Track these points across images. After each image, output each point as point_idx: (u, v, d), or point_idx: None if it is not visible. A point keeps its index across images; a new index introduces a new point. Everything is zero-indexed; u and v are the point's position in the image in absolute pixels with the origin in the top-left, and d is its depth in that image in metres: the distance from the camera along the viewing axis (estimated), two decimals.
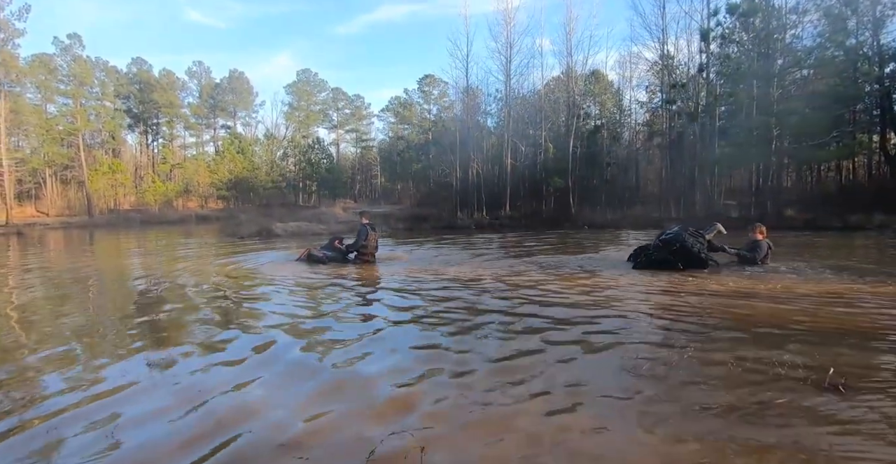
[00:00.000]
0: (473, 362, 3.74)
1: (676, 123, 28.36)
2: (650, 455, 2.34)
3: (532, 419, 2.75)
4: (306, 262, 10.32)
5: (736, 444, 2.40)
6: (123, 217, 43.66)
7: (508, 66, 30.92)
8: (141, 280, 8.74)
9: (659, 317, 5.14)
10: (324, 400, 3.10)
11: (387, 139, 67.28)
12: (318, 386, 3.37)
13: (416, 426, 2.67)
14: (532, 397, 3.06)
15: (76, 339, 4.76)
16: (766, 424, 2.62)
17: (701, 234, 8.54)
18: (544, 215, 26.91)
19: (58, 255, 15.30)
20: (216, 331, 4.95)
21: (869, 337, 4.23)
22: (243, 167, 53.53)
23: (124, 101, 56.61)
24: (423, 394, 3.13)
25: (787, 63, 21.07)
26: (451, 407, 2.93)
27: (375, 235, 10.76)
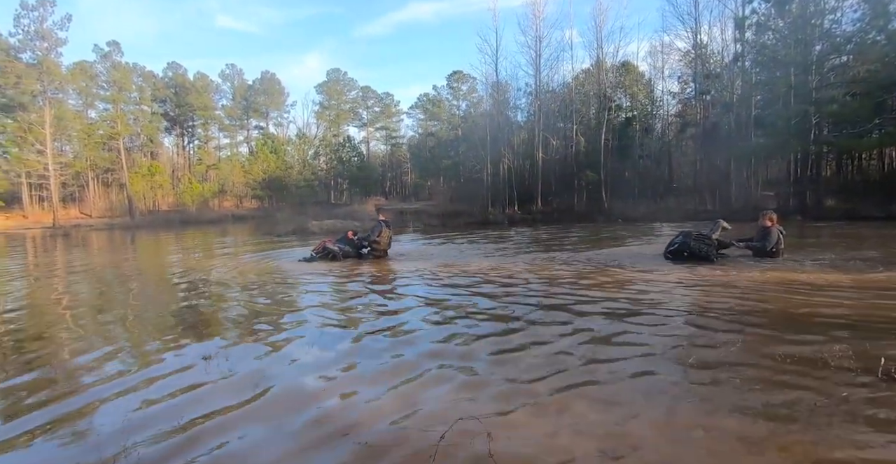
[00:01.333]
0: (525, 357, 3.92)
1: (711, 113, 27.86)
2: (726, 450, 2.37)
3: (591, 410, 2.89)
4: (321, 258, 10.46)
5: (823, 440, 2.42)
6: (163, 218, 44.88)
7: (538, 59, 30.83)
8: (186, 277, 9.12)
9: (700, 311, 5.21)
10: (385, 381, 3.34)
11: (416, 136, 67.58)
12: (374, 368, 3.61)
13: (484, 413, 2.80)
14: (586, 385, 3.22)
15: (138, 337, 5.10)
16: (832, 414, 2.67)
17: (706, 235, 8.59)
18: (577, 209, 26.76)
19: (110, 254, 15.93)
20: (270, 324, 5.25)
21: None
22: (276, 167, 54.42)
23: (161, 105, 58.08)
24: (485, 384, 3.30)
25: (825, 49, 20.49)
26: (511, 393, 3.09)
27: (389, 232, 10.91)
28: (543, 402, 2.96)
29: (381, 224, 10.70)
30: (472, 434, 2.53)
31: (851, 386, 3.00)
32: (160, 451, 2.56)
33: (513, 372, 3.46)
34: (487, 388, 3.18)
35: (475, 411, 2.81)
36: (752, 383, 3.10)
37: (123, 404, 3.16)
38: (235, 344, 4.49)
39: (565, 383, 3.23)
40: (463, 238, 16.11)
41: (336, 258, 10.39)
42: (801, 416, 2.66)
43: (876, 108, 19.81)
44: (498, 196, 30.99)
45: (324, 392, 3.26)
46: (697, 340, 4.04)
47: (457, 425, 2.59)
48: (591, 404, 2.90)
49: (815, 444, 2.38)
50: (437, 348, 4.12)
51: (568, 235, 16.52)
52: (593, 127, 32.01)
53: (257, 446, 2.58)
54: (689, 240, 8.55)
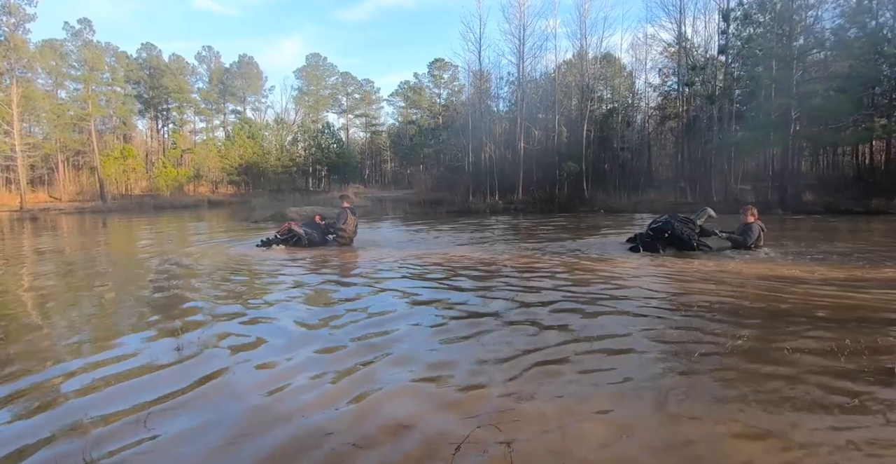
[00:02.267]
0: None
1: (692, 106, 28.01)
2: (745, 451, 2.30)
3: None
4: (285, 241, 10.21)
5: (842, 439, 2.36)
6: (136, 202, 43.86)
7: (522, 48, 30.59)
8: (155, 263, 8.83)
9: (682, 305, 5.16)
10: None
11: (396, 124, 67.05)
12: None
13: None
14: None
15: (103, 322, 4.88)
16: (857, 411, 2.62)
17: (691, 220, 8.56)
18: (558, 199, 26.73)
19: (83, 239, 15.46)
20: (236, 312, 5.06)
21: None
22: (254, 152, 53.50)
23: (134, 87, 56.59)
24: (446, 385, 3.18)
25: (807, 44, 20.68)
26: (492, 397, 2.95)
27: (355, 219, 10.73)
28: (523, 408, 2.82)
29: (345, 211, 10.48)
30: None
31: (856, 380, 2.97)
32: (110, 431, 2.54)
33: (483, 367, 3.35)
34: (451, 389, 3.02)
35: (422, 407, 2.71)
36: (732, 374, 3.08)
37: (71, 386, 3.16)
38: (191, 330, 4.35)
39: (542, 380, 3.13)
40: (442, 226, 16.03)
41: (300, 243, 10.15)
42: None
43: (854, 105, 20.10)
44: (479, 185, 30.85)
45: (273, 384, 3.13)
46: (695, 337, 3.98)
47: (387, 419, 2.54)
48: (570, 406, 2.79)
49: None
50: (406, 345, 3.93)
51: (549, 224, 16.51)
52: (575, 118, 31.99)
53: (197, 434, 2.51)
54: (674, 221, 8.49)
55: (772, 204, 18.82)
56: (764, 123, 20.76)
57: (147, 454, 2.34)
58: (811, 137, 20.38)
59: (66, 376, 3.34)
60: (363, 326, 4.40)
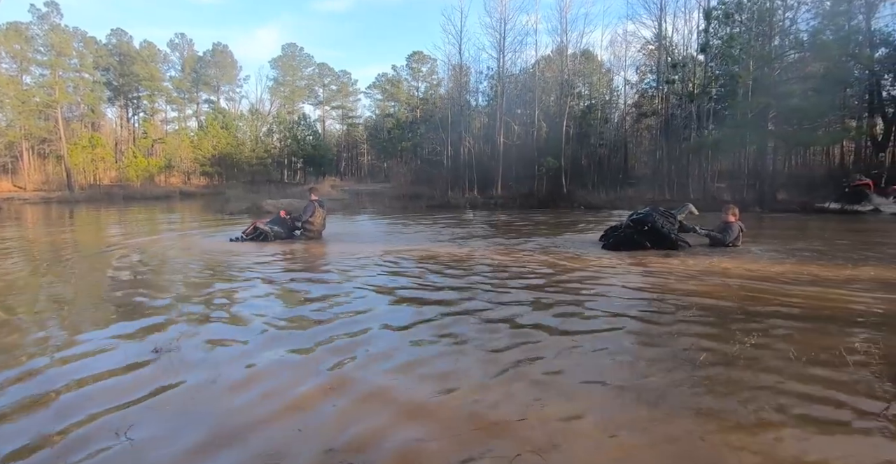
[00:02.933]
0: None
1: (670, 103, 28.22)
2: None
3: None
4: (252, 239, 10.00)
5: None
6: (105, 192, 42.60)
7: (502, 42, 30.45)
8: (120, 257, 8.49)
9: (697, 306, 5.10)
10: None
11: (373, 116, 66.47)
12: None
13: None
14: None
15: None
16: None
17: (672, 214, 8.48)
18: (537, 195, 26.74)
19: (48, 229, 14.89)
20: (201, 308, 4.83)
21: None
22: (227, 143, 52.46)
23: (104, 74, 54.93)
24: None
25: (784, 45, 20.95)
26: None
27: (323, 212, 10.56)
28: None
29: (313, 204, 10.32)
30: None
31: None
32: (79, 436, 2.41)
33: (459, 368, 3.24)
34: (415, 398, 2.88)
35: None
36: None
37: (31, 388, 3.00)
38: (155, 331, 4.15)
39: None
40: (421, 221, 15.88)
41: (267, 239, 9.96)
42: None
43: (829, 106, 20.46)
44: (458, 180, 30.72)
45: (239, 388, 2.98)
46: (702, 340, 3.90)
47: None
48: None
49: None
50: (379, 345, 3.78)
51: (528, 220, 16.50)
52: (554, 114, 32.01)
53: (162, 441, 2.37)
54: (655, 213, 8.41)
55: (749, 202, 19.04)
56: (741, 122, 20.99)
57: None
58: (787, 137, 20.65)
59: (30, 374, 3.18)
60: (334, 326, 4.22)
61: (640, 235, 8.27)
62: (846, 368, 3.10)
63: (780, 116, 20.51)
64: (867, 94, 26.46)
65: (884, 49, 26.23)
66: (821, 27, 22.08)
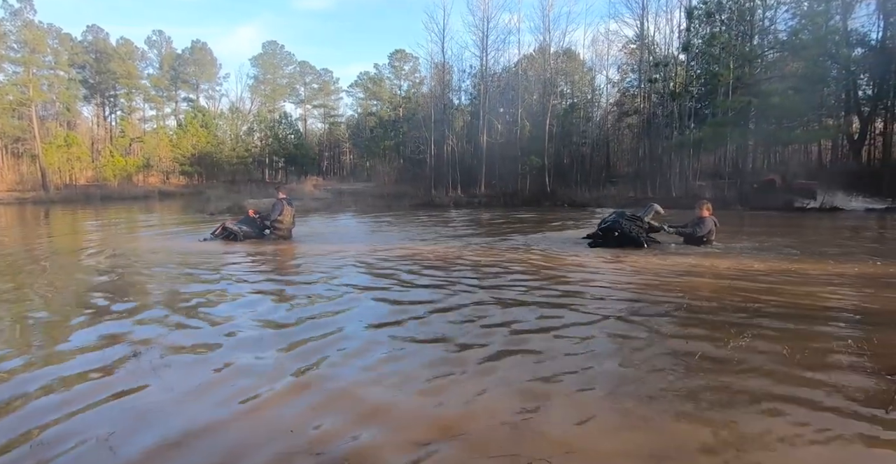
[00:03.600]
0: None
1: (653, 102, 28.43)
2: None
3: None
4: (222, 239, 9.88)
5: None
6: (82, 193, 41.79)
7: (485, 40, 30.47)
8: (96, 259, 8.28)
9: (690, 307, 5.09)
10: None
11: (355, 115, 66.07)
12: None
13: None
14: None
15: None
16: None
17: (639, 217, 8.64)
18: (521, 193, 26.81)
19: (24, 231, 14.53)
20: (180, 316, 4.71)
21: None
22: (207, 142, 51.77)
23: (79, 71, 53.82)
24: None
25: (763, 44, 21.23)
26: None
27: (292, 210, 10.38)
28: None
29: (281, 202, 10.09)
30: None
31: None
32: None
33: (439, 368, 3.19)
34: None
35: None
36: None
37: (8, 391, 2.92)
38: (122, 334, 4.01)
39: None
40: (401, 220, 15.83)
41: (236, 239, 9.80)
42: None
43: (809, 104, 20.78)
44: (442, 178, 30.67)
45: (210, 391, 2.90)
46: (694, 338, 3.88)
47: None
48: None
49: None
50: (352, 344, 3.70)
51: (513, 219, 16.50)
52: (537, 112, 32.09)
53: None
54: (622, 219, 8.55)
55: (730, 200, 19.24)
56: (723, 121, 21.24)
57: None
58: (768, 135, 20.93)
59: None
60: (305, 328, 4.11)
61: (612, 242, 8.44)
62: (839, 366, 3.09)
63: (760, 114, 20.80)
64: (844, 94, 26.95)
65: (860, 49, 26.73)
66: (799, 27, 22.42)
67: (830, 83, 25.48)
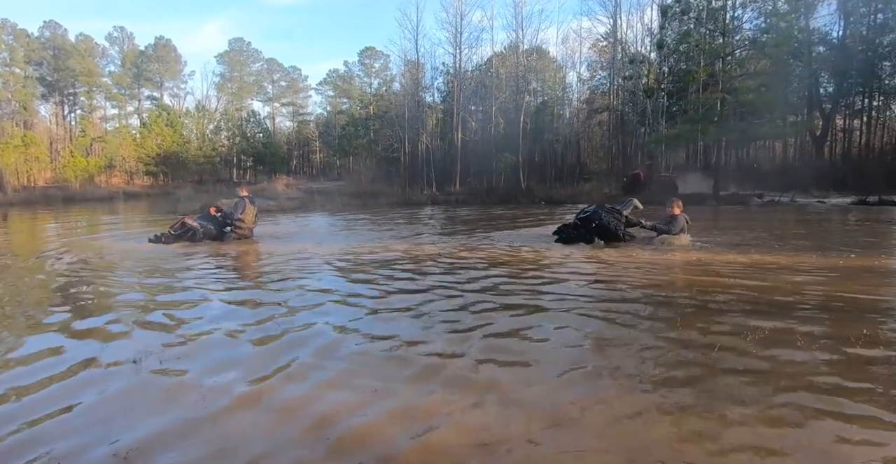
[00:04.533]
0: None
1: (624, 99, 28.79)
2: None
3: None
4: (179, 237, 9.38)
5: None
6: (42, 194, 40.28)
7: (459, 38, 30.43)
8: (56, 262, 7.86)
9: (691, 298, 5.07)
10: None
11: (324, 113, 65.35)
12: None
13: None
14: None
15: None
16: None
17: (618, 210, 8.74)
18: (497, 191, 26.87)
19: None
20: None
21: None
22: (173, 141, 50.54)
23: (36, 68, 51.92)
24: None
25: (733, 42, 21.63)
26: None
27: (254, 209, 10.07)
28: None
29: (243, 200, 9.83)
30: None
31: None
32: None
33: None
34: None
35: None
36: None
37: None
38: (85, 336, 3.85)
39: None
40: (377, 218, 15.64)
41: (195, 237, 9.39)
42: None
43: (777, 101, 21.32)
44: (416, 176, 30.53)
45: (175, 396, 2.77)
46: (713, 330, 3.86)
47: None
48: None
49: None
50: (320, 346, 3.54)
51: (487, 215, 16.50)
52: (510, 109, 32.19)
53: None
54: (601, 211, 8.64)
55: (703, 196, 19.59)
56: (695, 118, 21.60)
57: None
58: (740, 132, 21.35)
59: None
60: (270, 333, 3.87)
61: (589, 232, 8.52)
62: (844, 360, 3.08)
63: (731, 111, 21.22)
64: (806, 92, 27.76)
65: (821, 47, 27.55)
66: (766, 26, 22.96)
67: (794, 81, 26.24)
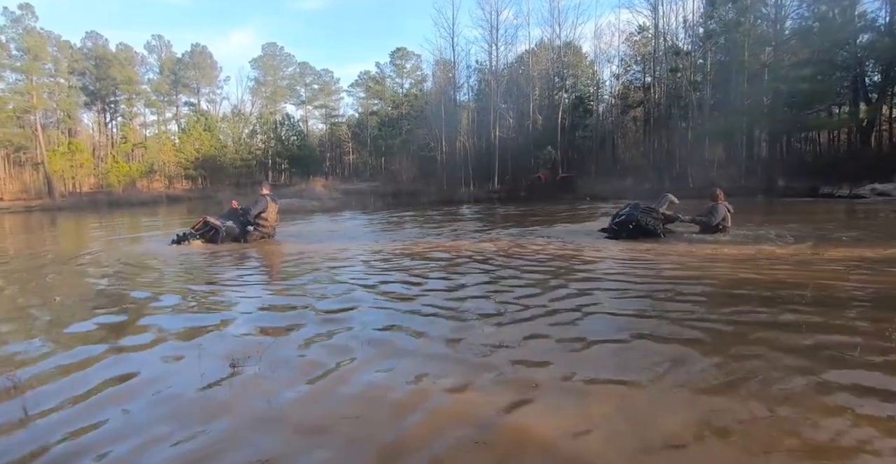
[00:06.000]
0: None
1: (668, 92, 28.14)
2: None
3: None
4: (201, 236, 9.17)
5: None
6: (88, 199, 41.54)
7: (495, 34, 30.36)
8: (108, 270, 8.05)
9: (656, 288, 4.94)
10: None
11: (356, 115, 65.87)
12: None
13: None
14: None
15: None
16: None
17: (653, 208, 8.52)
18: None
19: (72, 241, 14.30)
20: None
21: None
22: (211, 145, 51.60)
23: (79, 78, 53.43)
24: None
25: (784, 30, 20.94)
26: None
27: (276, 206, 9.79)
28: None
29: (264, 198, 9.53)
30: None
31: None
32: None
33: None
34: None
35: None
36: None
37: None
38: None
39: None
40: (423, 217, 15.58)
41: (217, 235, 9.10)
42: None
43: (828, 92, 20.57)
44: (455, 175, 30.51)
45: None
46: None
47: None
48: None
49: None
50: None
51: (531, 212, 16.35)
52: (547, 105, 31.95)
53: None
54: (636, 212, 8.41)
55: (753, 189, 19.02)
56: (743, 109, 21.03)
57: None
58: (798, 122, 20.64)
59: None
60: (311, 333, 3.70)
61: (628, 234, 8.31)
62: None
63: (782, 101, 20.45)
64: (851, 80, 26.81)
65: (868, 34, 26.53)
66: (813, 14, 22.21)
67: (839, 70, 25.37)
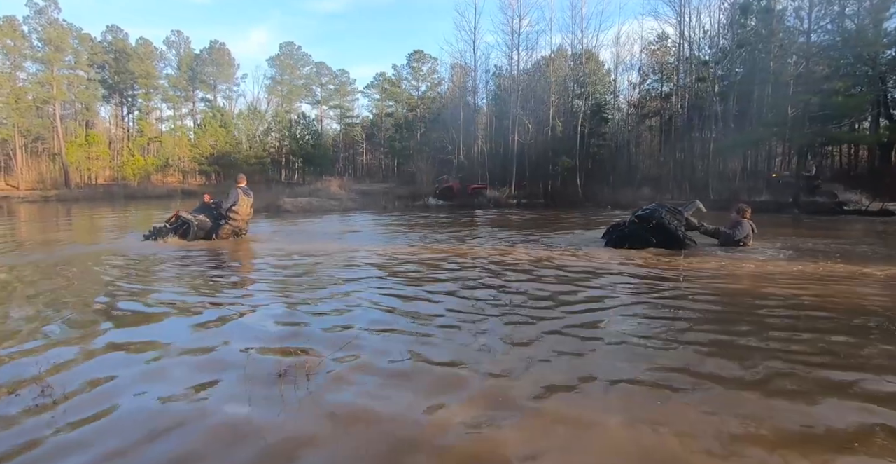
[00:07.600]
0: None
1: (690, 102, 27.81)
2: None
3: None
4: (174, 231, 9.12)
5: None
6: (104, 191, 41.79)
7: (517, 39, 30.30)
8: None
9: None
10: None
11: (371, 116, 65.97)
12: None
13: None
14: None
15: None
16: None
17: (679, 211, 8.25)
18: (553, 194, 26.57)
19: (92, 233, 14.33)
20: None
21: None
22: (226, 141, 51.79)
23: (98, 71, 53.74)
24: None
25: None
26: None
27: (250, 201, 9.62)
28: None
29: (237, 191, 9.38)
30: None
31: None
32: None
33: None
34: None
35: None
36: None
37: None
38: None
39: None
40: (439, 220, 15.54)
41: (189, 230, 9.01)
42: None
43: (861, 103, 20.27)
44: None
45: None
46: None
47: None
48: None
49: None
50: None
51: (549, 218, 16.33)
52: (566, 112, 31.80)
53: None
54: (662, 209, 8.16)
55: (781, 204, 18.66)
56: (769, 121, 20.78)
57: None
58: (828, 135, 20.32)
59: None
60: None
61: (647, 232, 7.99)
62: None
63: (806, 114, 20.09)
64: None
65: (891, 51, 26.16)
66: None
67: (863, 85, 25.05)
